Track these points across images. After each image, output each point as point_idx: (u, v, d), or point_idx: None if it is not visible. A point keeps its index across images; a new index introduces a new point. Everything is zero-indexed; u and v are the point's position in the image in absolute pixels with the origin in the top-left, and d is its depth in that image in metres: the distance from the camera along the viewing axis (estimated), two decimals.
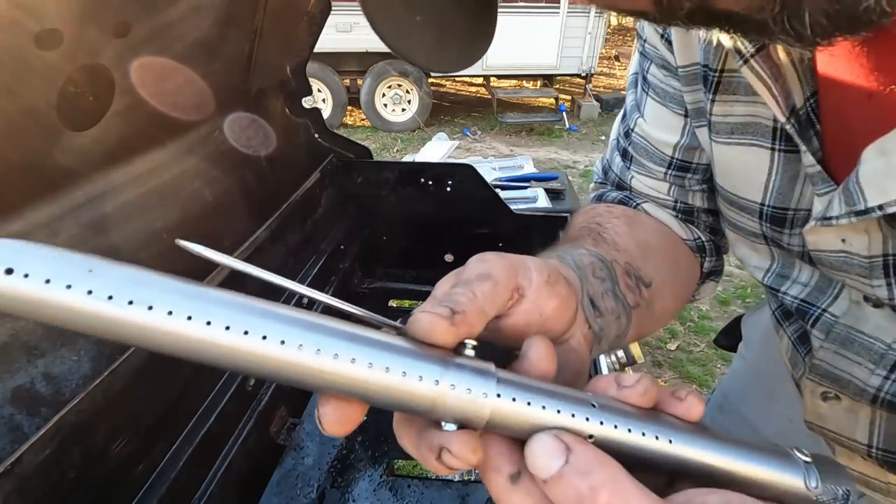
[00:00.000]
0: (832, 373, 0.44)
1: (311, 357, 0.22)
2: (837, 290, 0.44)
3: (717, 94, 0.45)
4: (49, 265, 0.20)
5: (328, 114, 6.14)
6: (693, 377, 2.50)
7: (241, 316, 0.22)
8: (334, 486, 0.99)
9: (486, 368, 0.25)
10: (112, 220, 0.76)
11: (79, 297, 0.20)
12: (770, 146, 0.43)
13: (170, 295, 0.21)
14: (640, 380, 0.27)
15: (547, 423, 0.24)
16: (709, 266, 0.60)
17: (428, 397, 0.23)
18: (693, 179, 0.54)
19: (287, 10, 1.08)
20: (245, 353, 0.22)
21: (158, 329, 0.21)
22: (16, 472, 0.52)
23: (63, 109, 0.64)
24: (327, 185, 1.36)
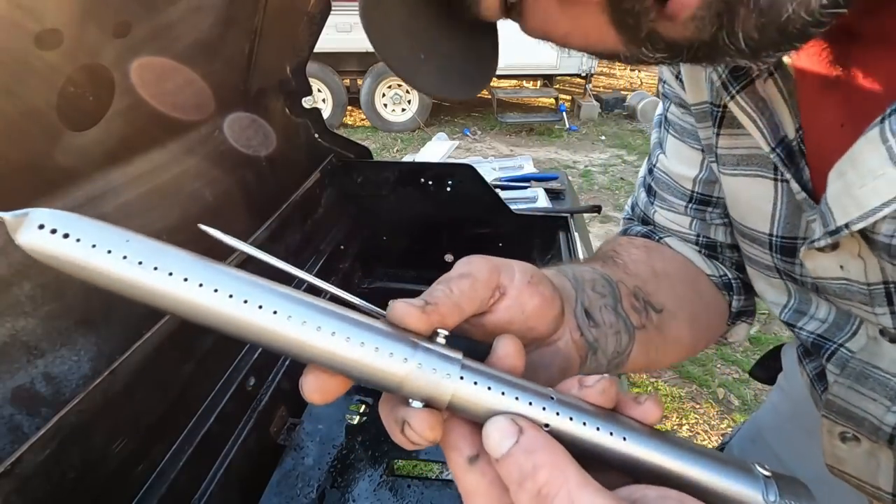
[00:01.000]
0: (846, 409, 0.43)
1: (298, 327, 0.25)
2: (856, 326, 0.44)
3: (722, 127, 0.46)
4: (96, 233, 0.25)
5: (328, 114, 6.14)
6: (693, 377, 2.50)
7: (244, 287, 0.26)
8: (334, 486, 0.99)
9: (452, 354, 0.27)
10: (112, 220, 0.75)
11: (116, 260, 0.25)
12: (773, 177, 0.44)
13: (188, 266, 0.26)
14: (599, 380, 0.29)
15: (505, 409, 0.26)
16: (738, 305, 0.58)
17: (397, 374, 0.26)
18: (714, 213, 0.55)
19: (287, 10, 1.08)
20: (242, 320, 0.25)
21: (175, 293, 0.25)
22: (16, 472, 0.52)
23: (63, 109, 0.64)
24: (327, 185, 1.36)
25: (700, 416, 2.29)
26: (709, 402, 2.36)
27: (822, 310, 0.47)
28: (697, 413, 2.30)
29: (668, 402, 2.36)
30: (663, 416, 2.27)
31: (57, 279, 0.65)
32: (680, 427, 2.24)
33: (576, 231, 1.21)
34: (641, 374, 2.50)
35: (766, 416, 0.74)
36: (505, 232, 1.43)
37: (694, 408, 2.34)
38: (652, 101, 6.90)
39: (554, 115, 6.85)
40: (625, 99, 7.30)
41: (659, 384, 2.47)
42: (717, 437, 2.17)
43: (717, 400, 2.37)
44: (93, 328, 0.68)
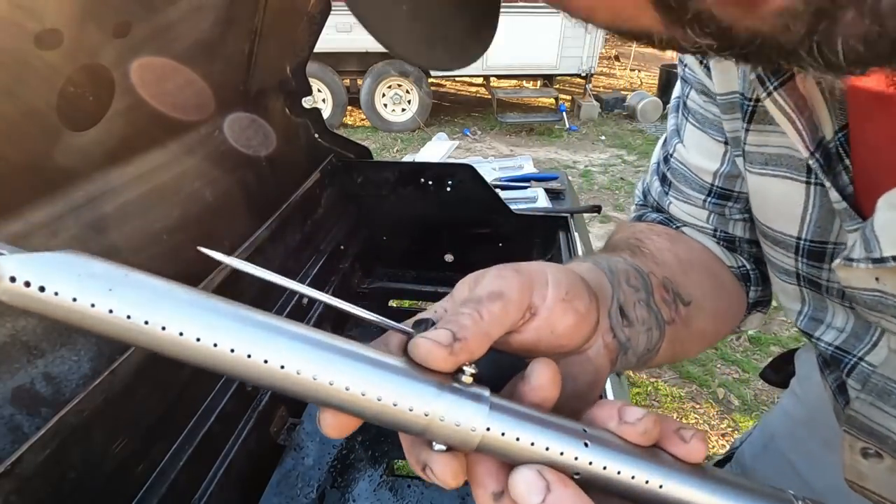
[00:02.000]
0: (868, 426, 0.41)
1: (310, 382, 0.24)
2: (876, 337, 0.41)
3: (752, 123, 0.43)
4: (75, 283, 0.22)
5: (328, 114, 6.14)
6: (693, 377, 2.50)
7: (245, 339, 0.24)
8: (334, 486, 0.99)
9: (478, 396, 0.25)
10: (112, 220, 0.76)
11: (100, 312, 0.23)
12: (805, 179, 0.41)
13: (183, 317, 0.24)
14: (642, 418, 0.27)
15: (534, 458, 0.25)
16: (755, 296, 0.57)
17: (419, 424, 0.25)
18: (734, 209, 0.52)
19: (287, 10, 1.08)
20: (245, 370, 0.24)
21: (170, 344, 0.24)
22: (16, 472, 0.52)
23: (63, 109, 0.64)
24: (327, 185, 1.36)
25: (700, 416, 2.29)
26: (709, 402, 2.36)
27: (839, 318, 0.45)
28: (697, 413, 2.31)
29: (667, 402, 2.36)
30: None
31: None
32: None
33: (576, 231, 1.21)
34: (641, 374, 2.51)
35: (778, 422, 0.71)
36: (505, 232, 1.43)
37: (694, 408, 2.34)
38: (652, 101, 6.90)
39: (554, 115, 6.85)
40: (625, 99, 7.30)
41: (659, 384, 2.47)
42: (717, 436, 2.17)
43: (717, 400, 2.37)
44: None
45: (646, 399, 2.37)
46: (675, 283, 0.45)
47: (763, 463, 0.70)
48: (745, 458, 0.74)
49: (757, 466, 0.71)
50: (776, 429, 0.71)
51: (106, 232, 0.74)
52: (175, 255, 0.85)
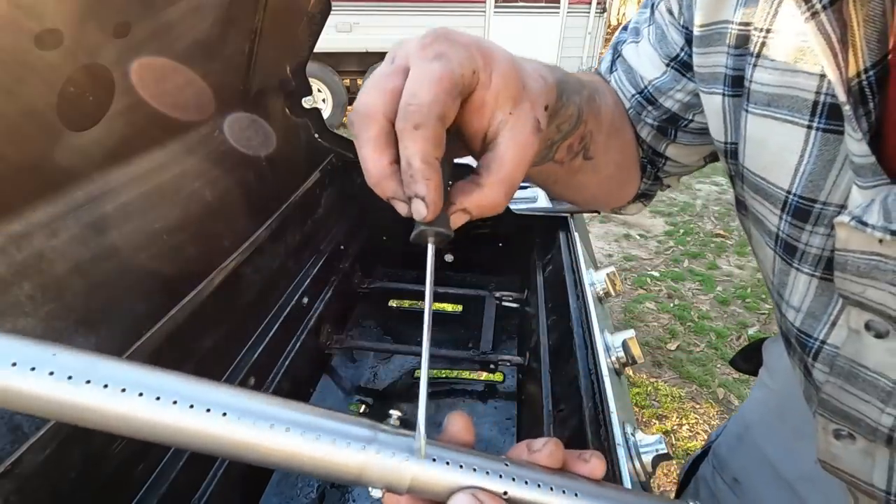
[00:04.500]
0: (841, 409, 0.40)
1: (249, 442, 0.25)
2: (834, 315, 0.40)
3: (761, 57, 0.39)
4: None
5: (328, 114, 6.14)
6: (693, 377, 2.50)
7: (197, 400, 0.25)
8: (334, 486, 0.99)
9: (406, 436, 0.28)
10: (112, 220, 0.76)
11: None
12: (807, 123, 0.37)
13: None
14: (546, 443, 0.30)
15: (464, 484, 0.27)
16: (643, 187, 0.62)
17: (354, 467, 0.26)
18: (650, 114, 0.56)
19: (287, 10, 1.08)
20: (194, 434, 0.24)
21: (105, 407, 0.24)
22: (16, 472, 0.52)
23: (63, 109, 0.64)
24: (327, 185, 1.36)
25: (700, 416, 2.29)
26: (709, 402, 2.36)
27: (796, 295, 0.43)
28: (697, 413, 2.30)
29: (667, 402, 2.36)
30: (664, 416, 2.27)
31: (57, 279, 0.66)
32: (680, 427, 2.24)
33: (576, 231, 1.21)
34: (641, 374, 2.51)
35: (751, 413, 0.72)
36: (505, 231, 1.43)
37: (694, 408, 2.34)
38: None
39: None
40: None
41: (659, 384, 2.47)
42: None
43: (717, 400, 2.37)
44: (93, 328, 0.68)
45: (646, 399, 2.37)
46: (594, 138, 0.49)
47: (738, 454, 0.71)
48: (722, 451, 0.74)
49: (732, 458, 0.72)
50: (750, 420, 0.71)
51: (106, 232, 0.74)
52: (175, 255, 0.85)
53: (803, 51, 0.36)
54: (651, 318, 2.95)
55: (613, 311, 2.98)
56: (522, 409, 1.17)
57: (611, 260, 3.58)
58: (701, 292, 3.22)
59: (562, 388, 0.85)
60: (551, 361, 0.95)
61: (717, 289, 3.24)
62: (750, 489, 0.67)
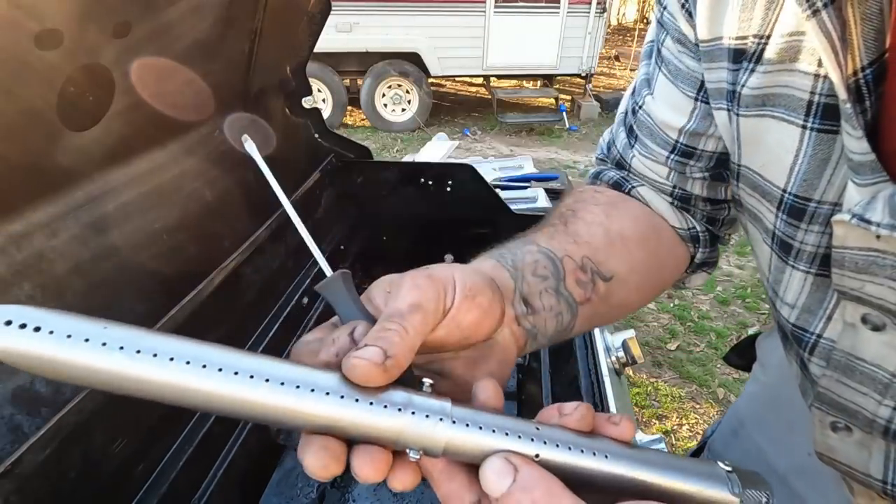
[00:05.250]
0: (838, 402, 0.41)
1: (302, 405, 0.26)
2: (830, 309, 0.40)
3: (759, 63, 0.40)
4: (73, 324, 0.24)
5: (328, 114, 6.14)
6: (693, 377, 2.50)
7: (238, 364, 0.26)
8: (334, 486, 0.99)
9: (441, 402, 0.28)
10: (112, 220, 0.76)
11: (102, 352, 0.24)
12: (801, 123, 0.37)
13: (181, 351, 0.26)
14: (577, 407, 0.31)
15: (497, 447, 0.28)
16: (702, 257, 0.58)
17: (393, 431, 0.27)
18: (695, 167, 0.52)
19: (287, 10, 1.08)
20: (232, 398, 0.25)
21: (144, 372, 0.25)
22: (16, 472, 0.52)
23: (63, 109, 0.64)
24: (327, 185, 1.36)
25: (700, 416, 2.29)
26: (709, 402, 2.36)
27: (791, 292, 0.44)
28: (697, 413, 2.30)
29: (667, 402, 2.36)
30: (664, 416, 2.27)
31: (57, 279, 0.66)
32: (680, 427, 2.24)
33: None
34: (641, 374, 2.51)
35: (745, 408, 0.73)
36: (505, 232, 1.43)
37: (694, 408, 2.34)
38: None
39: (554, 115, 6.85)
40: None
41: (659, 384, 2.47)
42: None
43: (717, 400, 2.37)
44: None
45: (646, 399, 2.37)
46: (597, 261, 0.47)
47: (733, 449, 0.71)
48: (717, 446, 0.75)
49: (727, 453, 0.72)
50: (744, 414, 0.72)
51: (106, 232, 0.74)
52: (175, 255, 0.85)
53: (800, 51, 0.37)
54: (651, 318, 2.95)
55: None
56: (522, 409, 1.17)
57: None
58: (701, 292, 3.22)
59: (562, 388, 0.85)
60: (551, 361, 0.95)
61: (717, 289, 3.24)
62: None
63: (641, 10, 15.84)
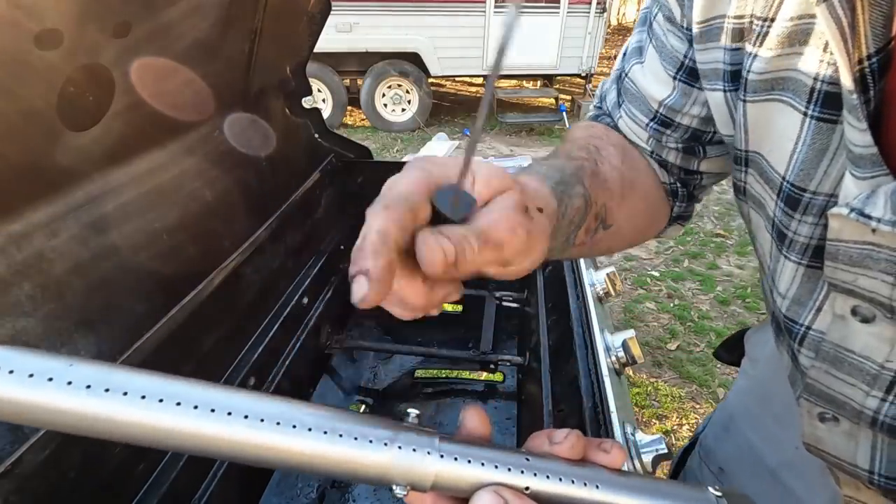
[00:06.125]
0: (826, 393, 0.41)
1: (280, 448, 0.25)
2: (819, 301, 0.40)
3: (762, 47, 0.39)
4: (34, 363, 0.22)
5: (328, 114, 6.14)
6: (693, 377, 2.50)
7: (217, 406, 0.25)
8: (334, 486, 0.99)
9: (429, 436, 0.28)
10: (112, 220, 0.76)
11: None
12: (803, 109, 0.37)
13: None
14: (567, 436, 0.30)
15: (486, 480, 0.27)
16: (678, 210, 0.61)
17: (379, 468, 0.26)
18: (671, 138, 0.54)
19: (287, 10, 1.08)
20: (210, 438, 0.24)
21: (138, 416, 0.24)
22: (16, 472, 0.52)
23: (63, 109, 0.64)
24: (327, 185, 1.36)
25: (700, 417, 2.29)
26: (709, 402, 2.36)
27: (783, 282, 0.44)
28: (697, 413, 2.30)
29: (667, 402, 2.36)
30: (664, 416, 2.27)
31: (57, 279, 0.66)
32: (680, 427, 2.24)
33: None
34: (641, 374, 2.51)
35: (735, 403, 0.73)
36: None
37: (694, 408, 2.34)
38: None
39: (554, 115, 6.84)
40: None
41: (659, 384, 2.47)
42: None
43: (717, 400, 2.37)
44: (93, 328, 0.68)
45: (646, 399, 2.37)
46: (609, 208, 0.48)
47: (724, 444, 0.72)
48: (708, 441, 0.75)
49: (718, 448, 0.73)
50: (734, 409, 0.72)
51: (106, 232, 0.74)
52: (175, 255, 0.85)
53: (805, 35, 0.36)
54: (651, 318, 2.95)
55: (613, 311, 2.98)
56: (522, 409, 1.17)
57: (611, 260, 3.58)
58: (701, 292, 3.22)
59: (562, 388, 0.85)
60: (551, 361, 0.95)
61: (717, 289, 3.24)
62: (734, 477, 0.68)
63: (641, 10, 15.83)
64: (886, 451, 0.40)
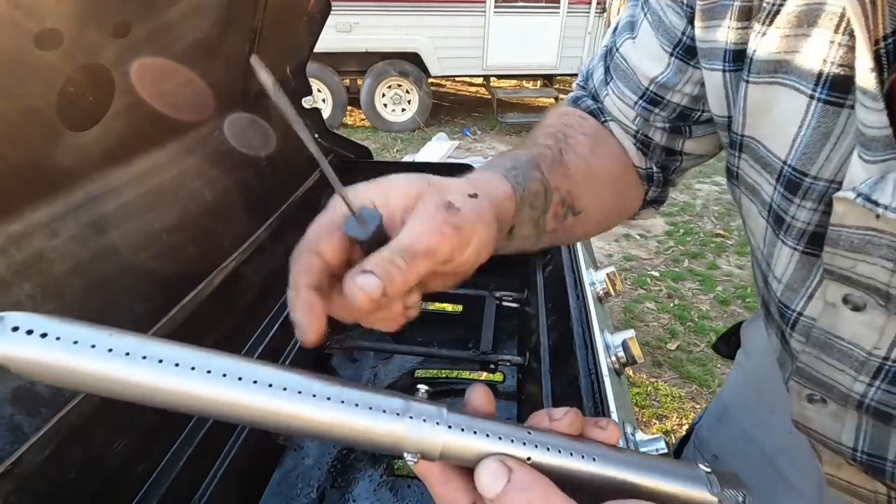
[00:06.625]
0: (815, 377, 0.42)
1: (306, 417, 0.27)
2: (812, 288, 0.41)
3: (772, 25, 0.38)
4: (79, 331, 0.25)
5: (328, 114, 6.14)
6: (693, 377, 2.50)
7: (244, 372, 0.27)
8: (334, 486, 0.99)
9: (437, 408, 0.30)
10: (112, 220, 0.76)
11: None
12: (810, 92, 0.36)
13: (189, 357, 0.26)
14: (566, 413, 0.32)
15: (491, 450, 0.29)
16: (653, 195, 0.62)
17: (393, 434, 0.28)
18: (659, 116, 0.54)
19: (287, 10, 1.08)
20: (234, 404, 0.26)
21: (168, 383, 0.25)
22: (16, 472, 0.52)
23: (63, 109, 0.64)
24: (327, 185, 1.36)
25: None
26: (709, 401, 2.36)
27: (778, 267, 0.44)
28: (697, 413, 2.30)
29: (667, 402, 2.36)
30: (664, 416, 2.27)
31: (57, 279, 0.66)
32: (680, 427, 2.24)
33: None
34: (641, 374, 2.51)
35: (729, 394, 0.75)
36: None
37: (694, 408, 2.34)
38: None
39: None
40: None
41: (659, 384, 2.47)
42: None
43: None
44: None
45: (646, 399, 2.37)
46: (575, 195, 0.50)
47: (718, 433, 0.73)
48: (703, 432, 0.77)
49: (712, 437, 0.75)
50: (728, 400, 0.74)
51: (106, 232, 0.74)
52: (175, 255, 0.85)
53: (818, 15, 0.35)
54: (651, 318, 2.95)
55: (613, 311, 2.98)
56: (522, 409, 1.17)
57: (611, 260, 3.58)
58: (701, 292, 3.22)
59: (562, 388, 0.85)
60: (551, 361, 0.95)
61: (717, 289, 3.24)
62: (727, 464, 0.70)
63: None
64: (871, 431, 0.41)
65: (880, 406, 0.38)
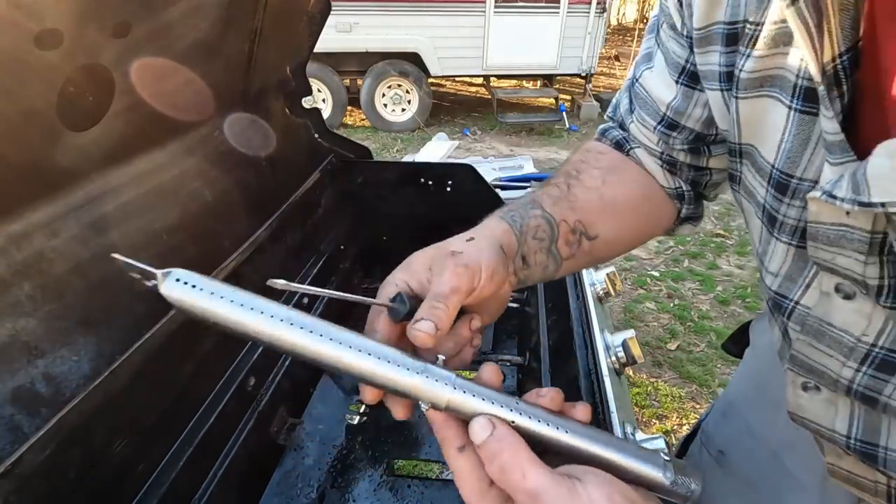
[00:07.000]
0: (808, 364, 0.45)
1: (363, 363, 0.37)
2: (809, 279, 0.45)
3: (754, 48, 0.43)
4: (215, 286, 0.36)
5: (328, 114, 6.14)
6: (693, 377, 2.50)
7: (315, 325, 0.37)
8: (334, 486, 0.99)
9: (449, 374, 0.38)
10: (112, 220, 0.76)
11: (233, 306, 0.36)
12: (788, 103, 0.41)
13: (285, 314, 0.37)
14: (549, 392, 0.41)
15: (484, 410, 0.37)
16: (687, 212, 0.65)
17: (409, 385, 0.37)
18: (678, 139, 0.58)
19: (287, 10, 1.08)
20: (303, 345, 0.36)
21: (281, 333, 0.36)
22: (16, 472, 0.52)
23: (63, 109, 0.64)
24: (327, 185, 1.36)
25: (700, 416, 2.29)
26: (709, 401, 2.36)
27: (775, 261, 0.48)
28: (697, 413, 2.30)
29: (667, 402, 2.36)
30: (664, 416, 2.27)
31: (57, 279, 0.66)
32: (680, 427, 2.24)
33: None
34: (641, 374, 2.51)
35: (735, 390, 0.77)
36: None
37: (694, 408, 2.34)
38: None
39: (554, 115, 6.85)
40: None
41: (659, 384, 2.47)
42: None
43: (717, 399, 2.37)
44: (93, 328, 0.68)
45: (646, 399, 2.37)
46: (587, 223, 0.56)
47: (723, 428, 0.76)
48: (709, 428, 0.80)
49: (718, 433, 0.77)
50: (733, 396, 0.77)
51: (106, 232, 0.74)
52: (175, 255, 0.85)
53: (787, 37, 0.40)
54: (651, 318, 2.95)
55: (613, 311, 2.98)
56: None
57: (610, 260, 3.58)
58: (701, 292, 3.22)
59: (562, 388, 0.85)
60: (551, 361, 0.95)
61: (717, 289, 3.24)
62: (734, 459, 0.72)
63: (641, 10, 15.83)
64: (863, 417, 0.44)
65: (867, 391, 0.41)
